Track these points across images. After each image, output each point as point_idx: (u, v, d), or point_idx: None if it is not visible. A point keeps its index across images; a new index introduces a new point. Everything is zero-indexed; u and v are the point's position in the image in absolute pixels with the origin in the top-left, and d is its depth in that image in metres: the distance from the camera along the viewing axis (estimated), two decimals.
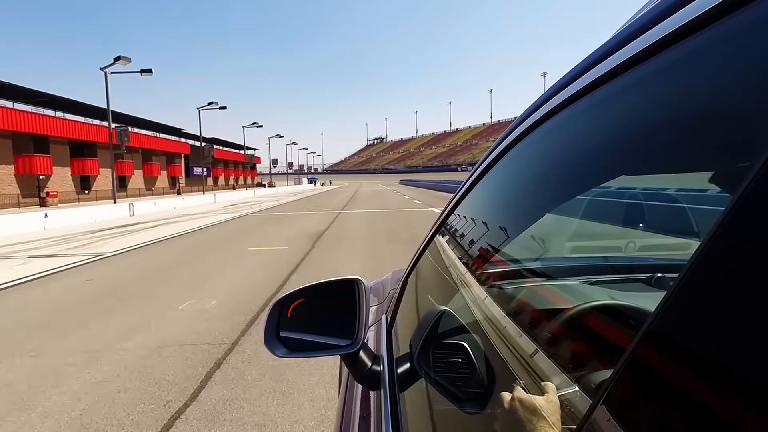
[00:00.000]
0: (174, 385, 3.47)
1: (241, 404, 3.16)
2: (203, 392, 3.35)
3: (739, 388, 0.27)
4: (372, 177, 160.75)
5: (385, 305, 1.65)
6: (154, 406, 3.17)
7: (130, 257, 9.66)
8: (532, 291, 0.95)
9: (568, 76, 0.69)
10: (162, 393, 3.35)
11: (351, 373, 1.06)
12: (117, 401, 3.25)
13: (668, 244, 1.12)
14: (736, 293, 0.29)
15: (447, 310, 0.85)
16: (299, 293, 1.05)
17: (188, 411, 3.08)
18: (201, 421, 2.95)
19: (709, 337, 0.30)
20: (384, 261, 8.08)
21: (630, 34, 0.52)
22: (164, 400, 3.24)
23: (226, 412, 3.07)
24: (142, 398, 3.28)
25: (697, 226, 0.89)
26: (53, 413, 3.13)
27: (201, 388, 3.41)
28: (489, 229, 1.04)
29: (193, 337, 4.50)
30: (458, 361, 0.73)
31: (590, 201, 0.98)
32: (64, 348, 4.35)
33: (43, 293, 6.71)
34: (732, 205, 0.30)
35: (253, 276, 7.26)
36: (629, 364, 0.36)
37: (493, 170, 0.98)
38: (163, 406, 3.16)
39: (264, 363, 3.78)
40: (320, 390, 3.34)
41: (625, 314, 0.65)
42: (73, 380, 3.62)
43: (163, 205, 26.82)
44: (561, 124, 0.73)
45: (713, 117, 0.42)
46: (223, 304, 5.63)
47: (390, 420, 0.91)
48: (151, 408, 3.14)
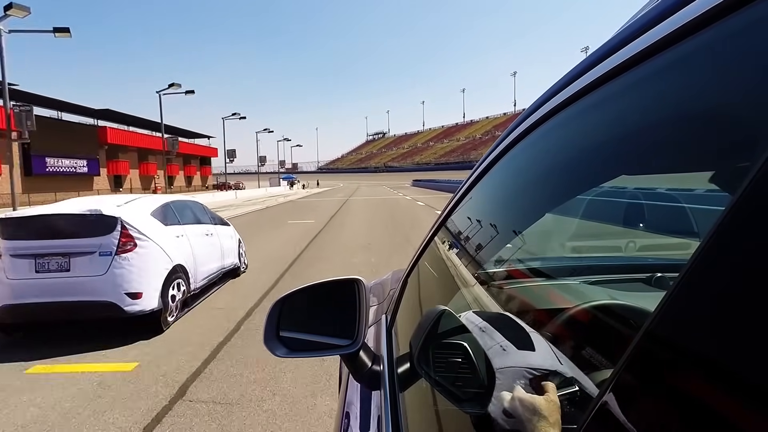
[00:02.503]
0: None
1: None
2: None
3: (739, 387, 0.27)
4: (373, 177, 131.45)
5: (385, 305, 1.65)
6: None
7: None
8: (532, 291, 0.95)
9: (568, 76, 0.69)
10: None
11: (351, 373, 1.06)
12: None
13: (668, 244, 1.12)
14: (735, 293, 0.29)
15: (447, 310, 0.85)
16: (299, 293, 1.05)
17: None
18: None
19: (709, 337, 0.30)
20: None
21: (630, 34, 0.52)
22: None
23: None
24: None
25: (697, 226, 0.89)
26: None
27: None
28: (489, 229, 1.04)
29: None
30: (458, 361, 0.73)
31: (590, 201, 0.98)
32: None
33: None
34: (732, 205, 0.30)
35: None
36: (629, 363, 0.36)
37: (493, 170, 0.98)
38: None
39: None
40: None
41: (625, 314, 0.66)
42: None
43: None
44: (561, 124, 0.73)
45: (713, 117, 0.42)
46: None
47: (390, 420, 0.91)
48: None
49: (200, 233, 5.98)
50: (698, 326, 0.32)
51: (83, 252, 4.41)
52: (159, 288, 4.69)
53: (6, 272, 4.37)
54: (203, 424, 2.96)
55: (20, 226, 4.52)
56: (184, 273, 5.23)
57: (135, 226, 4.63)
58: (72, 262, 4.39)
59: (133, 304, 4.44)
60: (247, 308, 5.45)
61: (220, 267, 6.45)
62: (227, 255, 6.74)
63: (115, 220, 4.52)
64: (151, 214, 5.07)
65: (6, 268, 4.38)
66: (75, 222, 4.54)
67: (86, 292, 4.34)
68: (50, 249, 4.40)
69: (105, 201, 5.11)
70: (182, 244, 5.35)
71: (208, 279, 6.06)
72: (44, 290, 4.34)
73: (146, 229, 4.76)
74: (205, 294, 6.04)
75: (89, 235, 4.46)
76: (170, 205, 5.58)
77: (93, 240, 4.44)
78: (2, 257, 4.43)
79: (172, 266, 4.93)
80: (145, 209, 5.07)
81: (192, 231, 5.74)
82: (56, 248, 4.40)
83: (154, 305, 4.59)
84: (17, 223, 4.54)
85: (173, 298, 4.95)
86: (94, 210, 4.55)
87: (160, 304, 4.65)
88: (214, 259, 6.25)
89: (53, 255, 4.39)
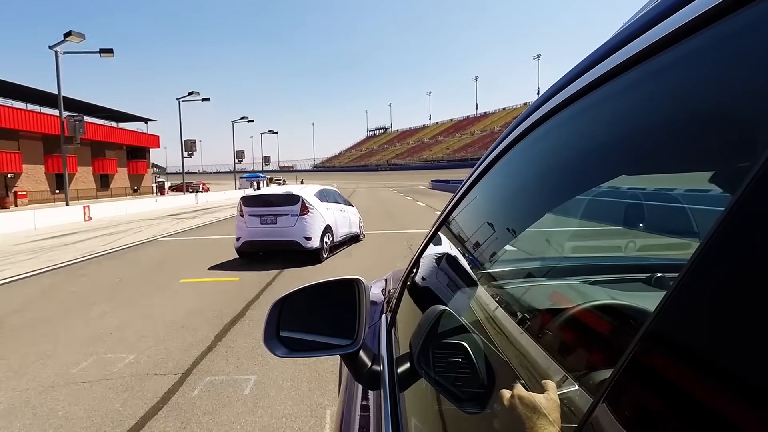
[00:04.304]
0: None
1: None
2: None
3: (738, 387, 0.27)
4: (374, 176, 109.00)
5: (385, 305, 1.65)
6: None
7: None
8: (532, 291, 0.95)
9: (568, 76, 0.69)
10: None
11: (351, 373, 1.06)
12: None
13: (668, 244, 1.12)
14: (735, 293, 0.29)
15: (447, 310, 0.85)
16: (299, 293, 1.05)
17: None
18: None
19: (709, 337, 0.30)
20: None
21: (630, 34, 0.52)
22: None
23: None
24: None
25: (697, 226, 0.89)
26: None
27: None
28: (489, 229, 1.04)
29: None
30: (458, 361, 0.73)
31: (590, 201, 0.98)
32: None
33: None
34: (732, 205, 0.30)
35: None
36: (629, 363, 0.36)
37: (493, 170, 0.98)
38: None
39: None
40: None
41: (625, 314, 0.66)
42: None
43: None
44: (561, 124, 0.73)
45: (713, 117, 0.42)
46: None
47: (390, 420, 0.91)
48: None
49: (338, 209, 9.77)
50: (698, 326, 0.32)
51: (284, 214, 8.47)
52: (319, 236, 8.47)
53: (246, 223, 8.56)
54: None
55: (253, 200, 8.83)
56: (330, 231, 9.00)
57: (308, 201, 8.63)
58: (278, 219, 8.48)
59: (307, 243, 8.32)
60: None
61: (348, 232, 10.18)
62: (353, 225, 10.50)
63: (299, 197, 8.60)
64: (314, 195, 9.04)
65: (246, 221, 8.57)
66: (280, 198, 8.70)
67: (285, 235, 8.37)
68: (268, 212, 8.54)
69: (292, 188, 9.40)
70: (329, 214, 9.13)
71: (342, 238, 9.78)
72: (265, 233, 8.50)
73: (313, 203, 8.75)
74: (340, 248, 9.72)
75: (287, 205, 8.52)
76: (322, 191, 9.49)
77: (289, 208, 8.49)
78: (244, 216, 8.58)
79: (325, 225, 8.74)
80: (311, 192, 9.08)
81: (334, 206, 9.61)
82: (271, 212, 8.52)
83: (317, 245, 8.41)
84: (252, 198, 8.91)
85: (325, 244, 8.72)
86: (289, 192, 8.77)
87: (319, 245, 8.46)
88: (346, 226, 10.01)
89: (269, 215, 8.53)
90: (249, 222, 8.50)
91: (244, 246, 8.54)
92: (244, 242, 8.53)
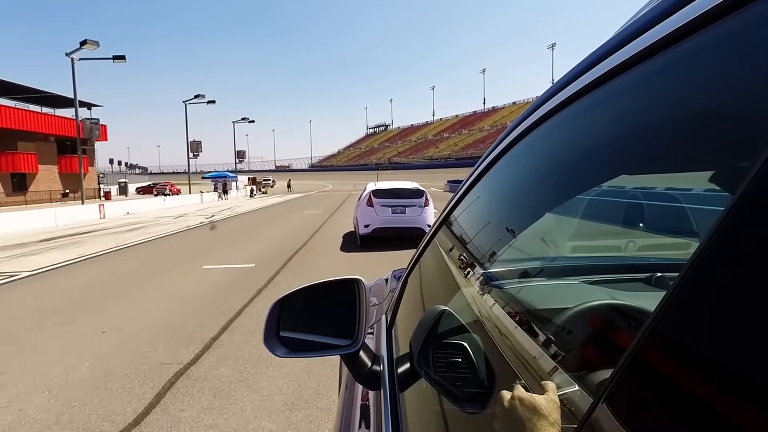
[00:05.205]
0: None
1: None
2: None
3: (739, 387, 0.27)
4: (374, 176, 75.59)
5: (385, 305, 1.65)
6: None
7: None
8: (532, 291, 0.95)
9: (568, 76, 0.69)
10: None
11: (351, 373, 1.06)
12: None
13: (668, 244, 1.12)
14: (735, 293, 0.29)
15: (447, 310, 0.85)
16: (299, 293, 1.05)
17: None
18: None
19: (709, 337, 0.30)
20: None
21: (630, 34, 0.52)
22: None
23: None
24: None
25: (697, 226, 0.89)
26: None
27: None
28: (489, 229, 1.04)
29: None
30: (458, 361, 0.73)
31: (590, 201, 0.98)
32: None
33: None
34: (732, 205, 0.30)
35: None
36: (629, 363, 0.36)
37: (493, 170, 0.98)
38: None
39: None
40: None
41: (625, 314, 0.66)
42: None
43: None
44: (561, 124, 0.73)
45: (713, 117, 0.42)
46: None
47: (390, 420, 0.91)
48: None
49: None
50: (698, 326, 0.32)
51: (411, 205, 10.29)
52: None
53: (377, 213, 10.14)
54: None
55: (383, 193, 10.49)
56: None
57: (428, 196, 10.53)
58: (406, 210, 10.24)
59: (428, 229, 8.50)
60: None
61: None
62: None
63: (423, 191, 10.58)
64: (428, 191, 10.71)
65: (377, 211, 10.15)
66: (408, 192, 10.57)
67: (411, 223, 10.09)
68: (398, 203, 10.26)
69: (415, 184, 11.19)
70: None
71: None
72: (394, 221, 10.13)
73: (431, 197, 10.57)
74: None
75: (413, 198, 10.41)
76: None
77: (415, 200, 10.36)
78: (375, 206, 10.17)
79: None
80: (426, 190, 10.82)
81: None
82: (400, 203, 10.25)
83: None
84: (383, 191, 10.54)
85: None
86: (416, 187, 10.79)
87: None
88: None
89: (399, 206, 10.24)
90: (380, 211, 10.19)
91: (375, 232, 10.14)
92: (375, 228, 10.12)
